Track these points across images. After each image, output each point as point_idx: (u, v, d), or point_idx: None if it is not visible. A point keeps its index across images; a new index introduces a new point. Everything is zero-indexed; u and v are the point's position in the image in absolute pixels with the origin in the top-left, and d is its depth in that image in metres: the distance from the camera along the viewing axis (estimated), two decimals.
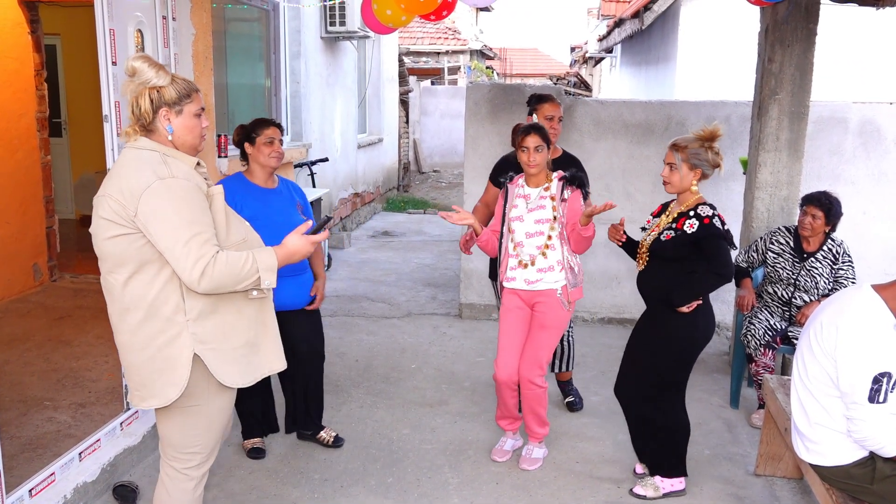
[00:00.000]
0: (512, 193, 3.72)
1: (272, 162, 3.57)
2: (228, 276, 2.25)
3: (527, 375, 3.65)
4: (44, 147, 6.17)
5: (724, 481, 3.68)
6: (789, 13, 4.58)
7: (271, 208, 3.56)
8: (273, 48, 7.17)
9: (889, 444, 2.66)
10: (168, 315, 2.29)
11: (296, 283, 3.65)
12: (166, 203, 2.21)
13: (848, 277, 4.22)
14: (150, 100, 2.31)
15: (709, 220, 3.20)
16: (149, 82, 2.30)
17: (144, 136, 2.35)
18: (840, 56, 8.51)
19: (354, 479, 3.62)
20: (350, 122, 9.97)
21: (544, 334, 3.67)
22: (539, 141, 3.56)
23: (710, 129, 3.23)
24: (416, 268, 8.05)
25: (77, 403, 4.03)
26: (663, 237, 3.31)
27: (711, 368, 5.16)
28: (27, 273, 6.03)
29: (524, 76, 29.72)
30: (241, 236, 2.45)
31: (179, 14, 4.00)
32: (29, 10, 5.97)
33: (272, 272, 2.34)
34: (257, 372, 2.47)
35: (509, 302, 3.74)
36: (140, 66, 2.30)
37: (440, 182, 16.04)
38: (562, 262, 3.64)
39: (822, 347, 2.78)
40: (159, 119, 2.33)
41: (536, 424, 3.77)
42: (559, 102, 4.21)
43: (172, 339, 2.30)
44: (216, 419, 2.47)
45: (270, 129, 3.59)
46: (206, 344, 2.33)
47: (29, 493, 3.02)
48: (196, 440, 2.46)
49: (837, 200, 4.22)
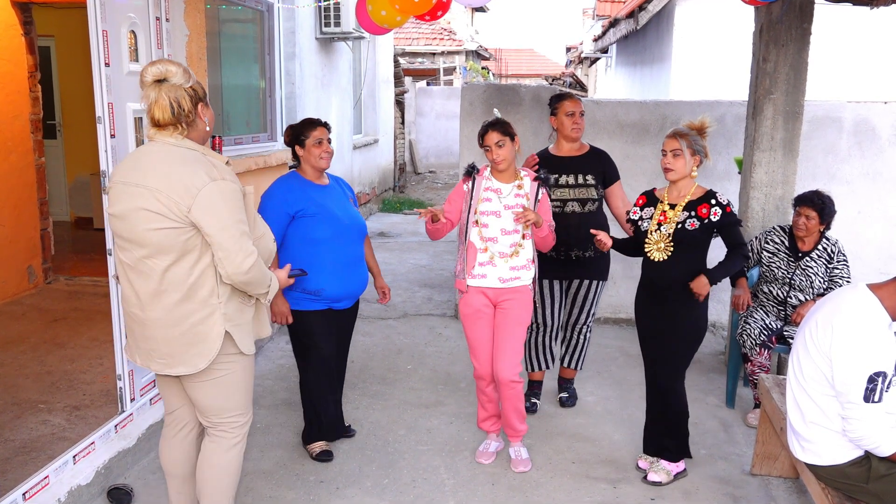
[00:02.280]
0: (479, 185, 3.67)
1: (322, 164, 3.65)
2: (259, 276, 2.58)
3: (507, 375, 3.61)
4: (38, 149, 6.15)
5: (720, 481, 3.68)
6: (784, 13, 4.59)
7: (332, 202, 3.69)
8: (268, 49, 7.14)
9: (884, 443, 2.66)
10: (204, 297, 2.55)
11: (358, 271, 3.76)
12: (220, 203, 2.46)
13: (843, 277, 4.22)
14: (189, 98, 2.51)
15: (730, 209, 3.42)
16: (186, 83, 2.50)
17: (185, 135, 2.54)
18: (834, 55, 8.53)
19: (350, 481, 3.61)
20: (345, 123, 9.96)
21: (518, 330, 3.65)
22: (500, 136, 3.56)
23: (698, 122, 3.44)
24: (412, 268, 8.05)
25: (71, 406, 4.02)
26: (688, 226, 3.41)
27: (707, 368, 5.16)
28: (21, 275, 6.01)
29: (520, 77, 29.74)
30: (262, 231, 2.74)
31: (173, 15, 3.98)
32: (22, 12, 5.95)
33: (274, 293, 2.73)
34: (256, 339, 2.80)
35: (475, 301, 3.67)
36: (172, 69, 2.49)
37: (436, 183, 16.03)
38: (531, 259, 3.66)
39: (818, 347, 2.78)
40: (199, 114, 2.56)
41: (519, 421, 3.75)
42: (579, 99, 4.26)
43: (206, 318, 2.56)
44: (246, 380, 2.78)
45: (318, 129, 3.66)
46: (232, 321, 2.62)
47: (23, 497, 3.01)
48: (239, 400, 2.76)
49: (830, 199, 4.23)
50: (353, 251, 3.70)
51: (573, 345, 4.46)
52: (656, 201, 3.57)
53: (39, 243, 6.21)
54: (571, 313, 4.39)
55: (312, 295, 3.62)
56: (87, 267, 6.64)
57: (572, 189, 4.16)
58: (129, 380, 3.70)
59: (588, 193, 4.18)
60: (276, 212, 3.54)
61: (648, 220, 3.54)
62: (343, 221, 3.65)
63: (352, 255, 3.70)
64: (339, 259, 3.63)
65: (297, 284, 3.53)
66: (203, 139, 2.63)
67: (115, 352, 3.66)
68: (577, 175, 4.17)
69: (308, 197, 3.61)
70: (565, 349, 4.50)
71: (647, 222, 3.54)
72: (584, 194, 4.17)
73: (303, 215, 3.58)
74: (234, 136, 5.87)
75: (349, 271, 3.68)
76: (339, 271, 3.64)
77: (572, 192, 4.16)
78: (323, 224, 3.59)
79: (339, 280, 3.64)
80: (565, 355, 4.50)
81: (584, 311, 4.36)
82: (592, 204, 4.20)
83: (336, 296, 3.67)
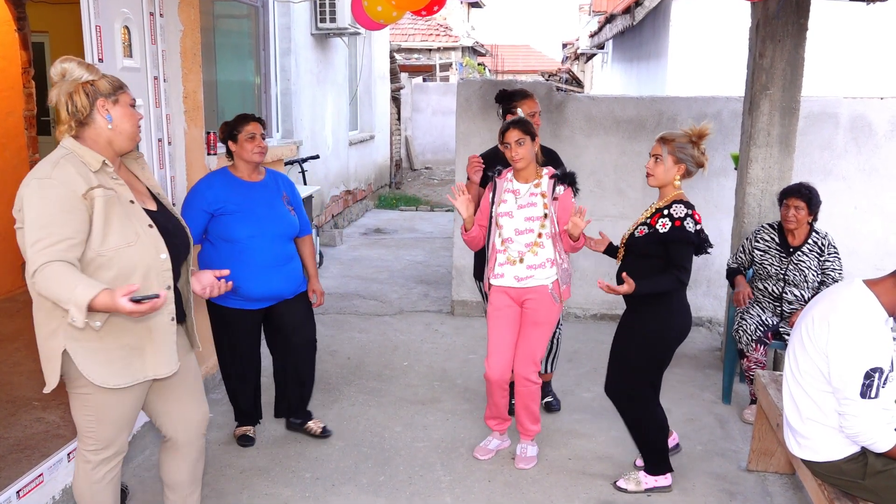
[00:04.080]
0: (500, 188, 3.67)
1: (255, 157, 3.60)
2: (49, 290, 2.22)
3: (522, 373, 3.63)
4: (32, 145, 6.12)
5: (716, 477, 3.68)
6: (780, 8, 4.58)
7: (255, 201, 3.59)
8: (263, 45, 7.13)
9: (881, 440, 2.66)
10: (49, 308, 2.36)
11: (282, 273, 3.66)
12: (32, 203, 2.30)
13: (835, 269, 4.24)
14: (85, 94, 2.37)
15: (680, 223, 3.19)
16: (81, 78, 2.37)
17: (76, 134, 2.40)
18: (831, 51, 8.53)
19: (346, 478, 3.60)
20: (341, 120, 9.94)
21: (538, 331, 3.65)
22: (520, 135, 3.52)
23: (699, 127, 3.25)
24: (408, 265, 8.04)
25: (66, 403, 3.98)
26: (637, 233, 3.33)
27: (703, 364, 5.16)
28: (15, 272, 5.98)
29: (516, 73, 29.70)
30: (126, 241, 2.38)
31: (167, 10, 3.96)
32: (15, 8, 5.91)
33: (80, 311, 2.16)
34: (138, 374, 2.47)
35: (498, 301, 3.70)
36: (69, 67, 2.36)
37: (432, 179, 16.01)
38: (552, 260, 3.61)
39: (814, 343, 2.78)
40: (97, 111, 2.39)
41: (530, 421, 3.76)
42: (535, 99, 4.11)
43: (52, 332, 2.39)
44: (105, 413, 2.50)
45: (251, 124, 3.61)
46: (77, 342, 2.38)
47: (17, 495, 2.99)
48: (88, 426, 2.52)
49: (815, 190, 4.25)
50: (276, 251, 3.60)
51: (548, 349, 4.38)
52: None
53: None
54: None
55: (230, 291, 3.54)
56: None
57: None
58: None
59: None
60: (194, 209, 3.52)
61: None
62: (265, 221, 3.57)
63: (275, 255, 3.60)
64: (258, 259, 3.55)
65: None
66: (107, 139, 2.41)
67: None
68: None
69: (228, 195, 3.54)
70: None
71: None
72: None
73: (221, 213, 3.53)
74: None
75: (271, 272, 3.59)
76: (258, 272, 3.55)
77: None
78: (241, 223, 3.52)
79: (257, 280, 3.56)
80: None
81: None
82: None
83: (253, 295, 3.60)
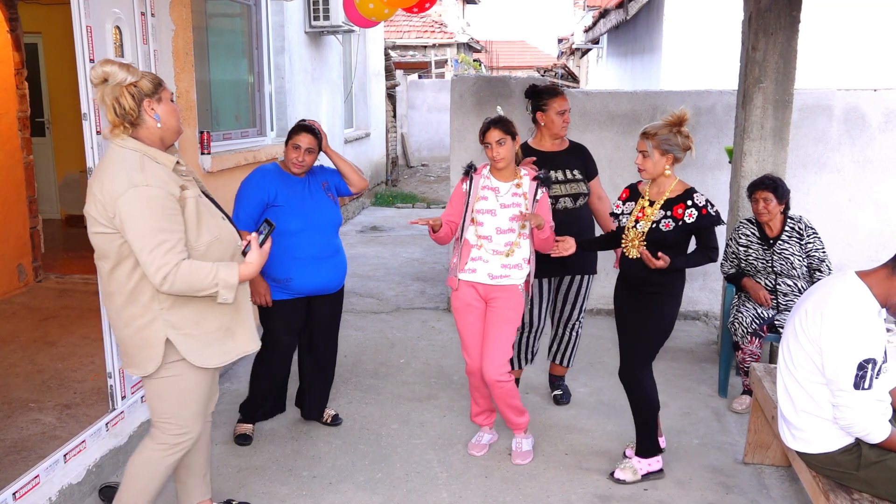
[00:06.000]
0: (477, 184, 3.64)
1: (293, 169, 3.70)
2: (188, 285, 2.44)
3: (493, 376, 3.57)
4: (26, 147, 6.10)
5: (712, 470, 3.69)
6: (773, 1, 4.58)
7: (302, 195, 3.71)
8: (256, 43, 7.10)
9: (875, 431, 2.67)
10: (145, 303, 2.52)
11: (330, 265, 3.76)
12: (137, 211, 2.39)
13: (818, 248, 4.28)
14: (131, 96, 2.46)
15: (706, 211, 3.32)
16: (125, 81, 2.45)
17: (132, 134, 2.50)
18: (824, 43, 8.53)
19: (343, 476, 3.60)
20: (336, 117, 9.92)
21: (507, 328, 3.61)
22: (501, 134, 3.50)
23: (677, 114, 3.31)
24: (405, 262, 8.04)
25: (62, 404, 4.00)
26: (662, 226, 3.35)
27: (699, 358, 5.17)
28: (12, 274, 5.97)
29: (511, 69, 29.67)
30: (214, 235, 2.60)
31: (158, 10, 3.95)
32: (8, 9, 5.90)
33: (230, 289, 2.50)
34: (231, 353, 2.69)
35: (467, 295, 3.65)
36: (111, 70, 2.44)
37: (428, 176, 16.00)
38: (527, 259, 3.63)
39: (808, 335, 2.79)
40: (144, 112, 2.49)
41: (515, 416, 3.74)
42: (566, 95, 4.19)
43: (149, 323, 2.53)
44: (194, 395, 2.68)
45: (300, 136, 3.68)
46: (178, 329, 2.55)
47: (13, 496, 2.99)
48: (172, 410, 2.67)
49: (780, 179, 4.31)
50: (324, 243, 3.72)
51: (565, 342, 4.41)
52: (638, 196, 3.52)
53: (29, 241, 6.17)
54: (563, 311, 4.34)
55: (280, 284, 3.65)
56: (78, 265, 6.60)
57: (563, 185, 4.07)
58: (119, 378, 3.68)
59: (579, 188, 4.12)
60: (250, 199, 3.63)
61: (628, 215, 3.50)
62: (313, 214, 3.69)
63: (323, 247, 3.71)
64: (308, 252, 3.66)
65: (264, 273, 3.57)
66: (159, 136, 2.54)
67: (106, 350, 3.64)
68: (564, 170, 4.10)
69: (279, 188, 3.65)
70: (557, 346, 4.44)
71: (626, 217, 3.51)
72: (575, 189, 4.11)
73: (274, 205, 3.63)
74: (223, 132, 5.84)
75: (319, 264, 3.70)
76: (308, 264, 3.67)
77: (563, 188, 4.07)
78: (292, 216, 3.62)
79: (306, 273, 3.67)
80: (557, 353, 4.45)
81: (577, 307, 4.33)
82: (583, 199, 4.16)
83: (304, 289, 3.71)
